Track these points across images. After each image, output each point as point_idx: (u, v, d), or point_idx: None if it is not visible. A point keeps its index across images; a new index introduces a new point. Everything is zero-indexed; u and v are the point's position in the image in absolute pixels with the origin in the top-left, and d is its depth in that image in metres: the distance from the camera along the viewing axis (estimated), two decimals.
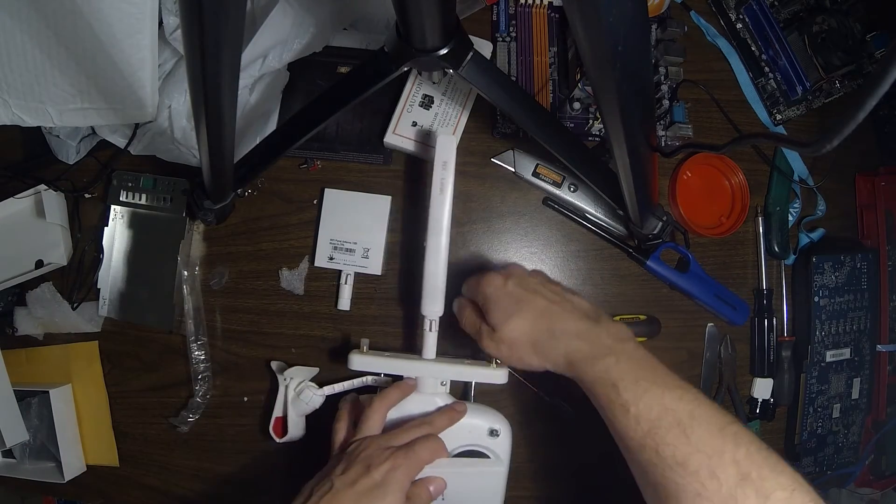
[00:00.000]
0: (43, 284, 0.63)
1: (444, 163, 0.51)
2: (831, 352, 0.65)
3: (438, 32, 0.43)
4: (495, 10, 0.64)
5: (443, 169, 0.51)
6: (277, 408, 0.58)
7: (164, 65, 0.58)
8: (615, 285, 0.65)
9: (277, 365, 0.60)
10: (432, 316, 0.52)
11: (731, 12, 0.66)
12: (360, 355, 0.53)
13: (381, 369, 0.53)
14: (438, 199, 0.51)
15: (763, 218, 0.66)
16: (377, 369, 0.53)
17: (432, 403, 0.52)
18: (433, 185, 0.51)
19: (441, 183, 0.51)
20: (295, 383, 0.57)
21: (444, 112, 0.62)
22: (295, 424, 0.57)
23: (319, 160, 0.64)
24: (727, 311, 0.64)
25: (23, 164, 0.64)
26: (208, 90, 0.38)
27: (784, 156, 0.67)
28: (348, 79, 0.53)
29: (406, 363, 0.52)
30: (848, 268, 0.65)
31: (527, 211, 0.65)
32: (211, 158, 0.46)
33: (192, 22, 0.32)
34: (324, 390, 0.56)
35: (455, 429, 0.51)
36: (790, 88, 0.65)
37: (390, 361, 0.53)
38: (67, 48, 0.52)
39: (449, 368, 0.52)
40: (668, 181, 0.66)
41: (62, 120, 0.56)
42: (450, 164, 0.51)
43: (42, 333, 0.64)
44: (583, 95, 0.64)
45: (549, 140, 0.53)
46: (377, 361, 0.53)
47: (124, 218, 0.64)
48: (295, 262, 0.63)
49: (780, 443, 0.67)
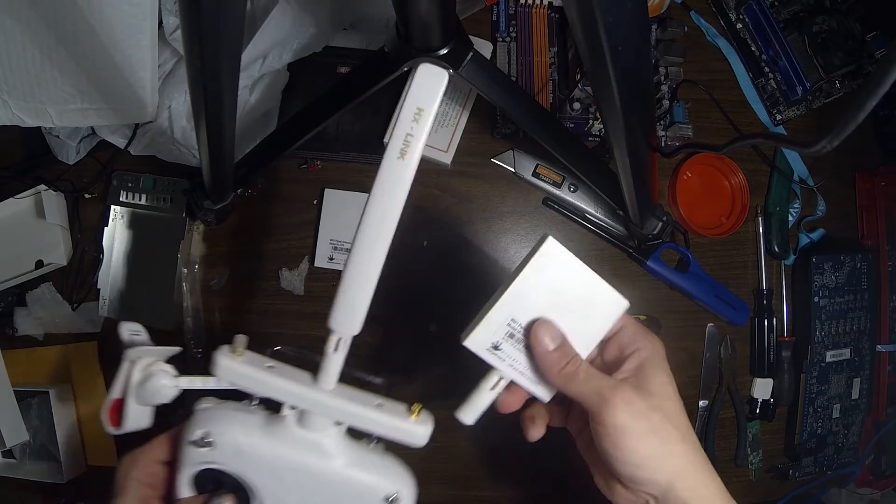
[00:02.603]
0: (43, 285, 0.63)
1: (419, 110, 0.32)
2: (831, 352, 0.65)
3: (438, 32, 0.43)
4: (495, 10, 0.64)
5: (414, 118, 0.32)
6: (116, 387, 0.38)
7: (164, 65, 0.58)
8: (615, 285, 0.65)
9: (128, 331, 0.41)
10: (343, 333, 0.35)
11: (731, 12, 0.66)
12: (229, 359, 0.35)
13: (253, 388, 0.36)
14: (394, 167, 0.32)
15: (763, 218, 0.66)
16: (249, 387, 0.36)
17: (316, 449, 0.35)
18: (390, 143, 0.32)
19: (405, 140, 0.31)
20: (143, 364, 0.38)
21: (443, 112, 0.62)
22: (136, 414, 0.38)
23: (319, 160, 0.64)
24: (727, 311, 0.64)
25: (23, 164, 0.64)
26: (208, 90, 0.38)
27: (784, 156, 0.67)
28: (348, 79, 0.53)
29: (292, 386, 0.35)
30: (848, 268, 0.65)
31: (527, 211, 0.65)
32: (211, 158, 0.46)
33: (192, 22, 0.32)
34: (180, 381, 0.37)
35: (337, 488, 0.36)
36: (790, 88, 0.65)
37: (270, 379, 0.35)
38: (67, 48, 0.52)
39: (349, 407, 0.35)
40: (668, 181, 0.66)
41: (62, 120, 0.56)
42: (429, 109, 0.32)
43: (42, 333, 0.64)
44: (583, 95, 0.64)
45: (549, 140, 0.53)
46: (251, 374, 0.35)
47: (124, 218, 0.64)
48: (295, 263, 0.63)
49: (780, 443, 0.67)
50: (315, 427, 0.35)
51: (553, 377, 0.35)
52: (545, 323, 0.35)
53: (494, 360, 0.36)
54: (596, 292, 0.36)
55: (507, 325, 0.35)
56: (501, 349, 0.36)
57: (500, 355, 0.36)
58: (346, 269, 0.34)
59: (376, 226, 0.33)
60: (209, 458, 0.35)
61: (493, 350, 0.36)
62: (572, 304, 0.36)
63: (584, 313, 0.36)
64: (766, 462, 0.67)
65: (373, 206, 0.33)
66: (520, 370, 0.36)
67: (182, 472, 0.35)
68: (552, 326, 0.35)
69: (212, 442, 0.34)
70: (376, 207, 0.33)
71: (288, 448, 0.35)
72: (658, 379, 0.35)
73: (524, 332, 0.36)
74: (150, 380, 0.37)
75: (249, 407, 0.36)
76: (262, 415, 0.36)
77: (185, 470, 0.35)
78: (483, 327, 0.35)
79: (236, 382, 0.36)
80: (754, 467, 0.66)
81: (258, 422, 0.35)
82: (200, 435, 0.34)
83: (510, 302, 0.35)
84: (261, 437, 0.35)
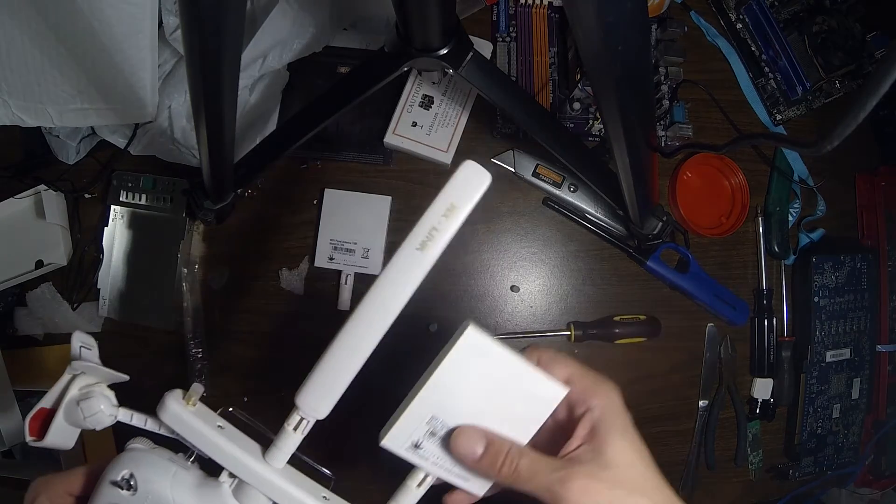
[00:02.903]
0: (43, 284, 0.63)
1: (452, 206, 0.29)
2: (831, 352, 0.65)
3: (438, 32, 0.43)
4: (495, 10, 0.64)
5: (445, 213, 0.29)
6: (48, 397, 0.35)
7: (164, 65, 0.58)
8: (615, 285, 0.65)
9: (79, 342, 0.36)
10: (308, 414, 0.32)
11: (731, 12, 0.66)
12: (180, 406, 0.33)
13: (197, 443, 0.32)
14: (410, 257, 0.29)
15: (763, 218, 0.66)
16: (193, 441, 0.32)
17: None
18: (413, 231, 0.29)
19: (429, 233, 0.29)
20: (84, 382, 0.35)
21: (444, 112, 0.62)
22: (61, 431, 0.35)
23: (319, 160, 0.64)
24: (727, 311, 0.64)
25: (23, 164, 0.64)
26: (208, 90, 0.38)
27: (784, 156, 0.67)
28: (348, 79, 0.53)
29: (239, 454, 0.32)
30: (848, 268, 0.65)
31: (527, 211, 0.65)
32: (211, 158, 0.46)
33: (192, 22, 0.32)
34: (119, 411, 0.34)
35: None
36: (790, 88, 0.65)
37: (217, 439, 0.32)
38: (67, 48, 0.52)
39: (293, 493, 0.32)
40: (668, 181, 0.66)
41: (62, 120, 0.56)
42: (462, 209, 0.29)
43: (42, 333, 0.64)
44: (583, 95, 0.64)
45: (549, 140, 0.53)
46: (198, 428, 0.32)
47: (124, 218, 0.64)
48: (295, 262, 0.63)
49: (780, 443, 0.67)
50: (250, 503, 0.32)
51: (494, 480, 0.32)
52: (463, 430, 0.31)
53: (417, 459, 0.33)
54: (529, 382, 0.32)
55: (426, 423, 0.32)
56: (423, 448, 0.32)
57: (422, 454, 0.32)
58: (331, 348, 0.31)
59: (375, 312, 0.30)
60: (126, 502, 0.31)
61: (413, 449, 0.32)
62: (502, 398, 0.32)
63: (518, 406, 0.32)
64: (766, 462, 0.67)
65: (376, 291, 0.30)
66: (446, 468, 0.33)
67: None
68: (472, 431, 0.31)
69: (134, 487, 0.31)
70: (379, 294, 0.30)
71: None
72: (616, 445, 0.30)
73: (447, 430, 0.32)
74: (86, 400, 0.34)
75: (185, 462, 0.33)
76: (197, 474, 0.33)
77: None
78: (400, 427, 0.32)
79: (180, 432, 0.32)
80: (754, 467, 0.66)
81: (191, 480, 0.32)
82: (125, 475, 0.31)
83: (428, 399, 0.32)
84: (188, 496, 0.32)
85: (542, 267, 0.65)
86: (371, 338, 0.30)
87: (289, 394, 0.32)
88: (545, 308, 0.64)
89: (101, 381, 0.36)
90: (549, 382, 0.32)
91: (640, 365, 0.65)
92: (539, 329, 0.64)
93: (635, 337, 0.63)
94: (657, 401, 0.65)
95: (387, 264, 0.30)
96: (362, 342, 0.30)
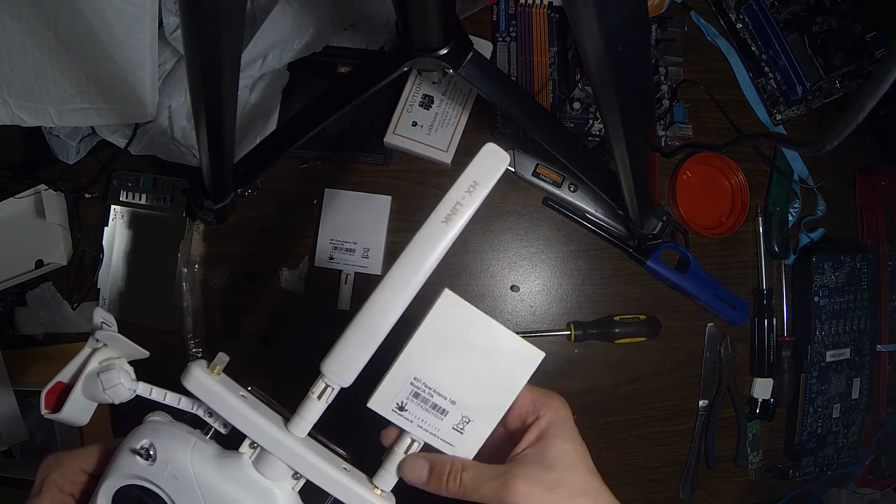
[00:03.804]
0: (43, 284, 0.63)
1: (475, 184, 0.32)
2: (831, 352, 0.65)
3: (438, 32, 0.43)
4: (495, 10, 0.64)
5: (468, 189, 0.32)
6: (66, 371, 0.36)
7: (164, 65, 0.58)
8: (615, 285, 0.65)
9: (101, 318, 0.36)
10: (333, 381, 0.33)
11: (731, 12, 0.66)
12: (206, 374, 0.33)
13: (222, 410, 0.33)
14: (436, 228, 0.32)
15: (763, 218, 0.66)
16: (217, 408, 0.33)
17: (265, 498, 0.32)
18: (439, 205, 0.32)
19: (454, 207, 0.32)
20: (104, 355, 0.35)
21: (444, 112, 0.62)
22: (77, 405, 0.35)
23: (319, 160, 0.64)
24: (727, 311, 0.64)
25: (23, 164, 0.64)
26: (208, 90, 0.38)
27: (784, 156, 0.67)
28: (348, 79, 0.53)
29: (262, 422, 0.33)
30: (848, 268, 0.65)
31: (527, 211, 0.65)
32: (211, 158, 0.46)
33: (192, 22, 0.32)
34: (138, 385, 0.34)
35: None
36: (790, 88, 0.65)
37: (241, 406, 0.33)
38: (67, 48, 0.52)
39: (314, 461, 0.33)
40: (668, 181, 0.66)
41: (62, 120, 0.56)
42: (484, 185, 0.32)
43: (42, 333, 0.64)
44: (583, 95, 0.64)
45: (549, 140, 0.53)
46: (223, 395, 0.33)
47: (124, 218, 0.64)
48: (295, 262, 0.63)
49: (780, 443, 0.67)
50: (271, 474, 0.33)
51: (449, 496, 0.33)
52: (407, 460, 0.34)
53: (402, 421, 0.34)
54: (507, 346, 0.34)
55: (410, 384, 0.34)
56: (408, 410, 0.34)
57: (406, 416, 0.34)
58: (358, 315, 0.32)
59: (402, 280, 0.32)
60: (144, 472, 0.32)
61: (398, 411, 0.34)
62: (482, 361, 0.34)
63: (497, 369, 0.34)
64: (766, 462, 0.67)
65: (404, 260, 0.32)
66: (430, 431, 0.34)
67: (108, 481, 0.32)
68: (415, 459, 0.34)
69: (154, 455, 0.32)
70: (407, 263, 0.32)
71: (234, 488, 0.32)
72: (559, 448, 0.33)
73: (430, 390, 0.34)
74: (106, 372, 0.34)
75: (203, 437, 0.34)
76: (216, 447, 0.33)
77: (111, 480, 0.32)
78: (384, 388, 0.34)
79: (205, 399, 0.33)
80: (754, 467, 0.66)
81: (210, 451, 0.33)
82: (145, 444, 0.32)
83: (409, 361, 0.34)
84: (208, 467, 0.32)
85: (542, 267, 0.65)
86: (398, 305, 0.32)
87: (289, 394, 0.32)
88: (545, 308, 0.64)
89: (121, 354, 0.36)
90: (527, 345, 0.34)
91: (640, 365, 0.65)
92: (539, 329, 0.64)
93: (635, 337, 0.63)
94: (657, 401, 0.65)
95: (414, 236, 0.32)
96: (389, 309, 0.32)
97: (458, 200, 0.32)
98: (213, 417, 0.34)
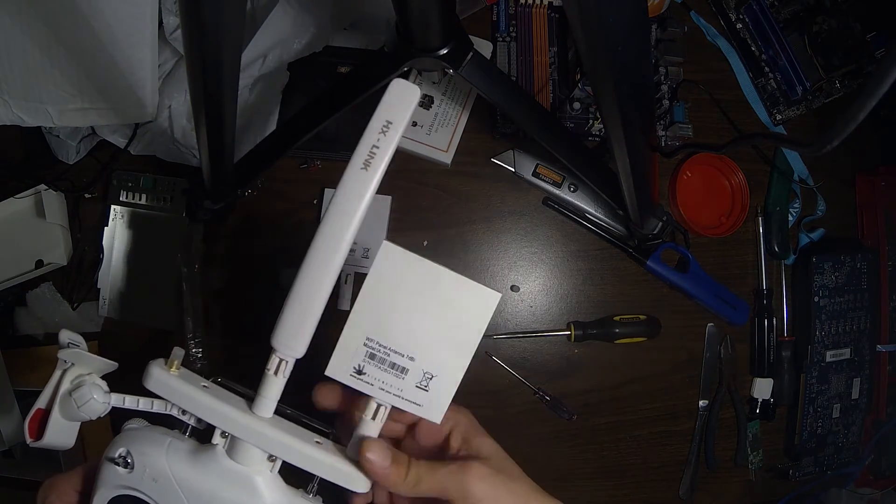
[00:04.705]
0: (43, 284, 0.63)
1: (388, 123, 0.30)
2: (831, 352, 0.65)
3: (438, 32, 0.43)
4: (495, 10, 0.64)
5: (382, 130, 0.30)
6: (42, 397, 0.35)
7: (164, 65, 0.58)
8: (615, 285, 0.65)
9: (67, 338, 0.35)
10: (285, 353, 0.32)
11: (731, 12, 0.66)
12: (163, 372, 0.32)
13: (183, 404, 0.32)
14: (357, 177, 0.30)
15: (763, 218, 0.66)
16: (179, 402, 0.32)
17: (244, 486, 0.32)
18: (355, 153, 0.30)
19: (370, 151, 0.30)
20: (75, 373, 0.35)
21: (444, 112, 0.62)
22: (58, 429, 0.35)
23: (319, 160, 0.64)
24: (727, 311, 0.64)
25: (23, 164, 0.64)
26: (208, 90, 0.38)
27: (784, 156, 0.67)
28: (348, 79, 0.53)
29: (223, 408, 0.32)
30: (848, 268, 0.65)
31: (527, 211, 0.65)
32: (211, 158, 0.46)
33: (192, 22, 0.32)
34: (111, 397, 0.34)
35: None
36: (790, 88, 0.65)
37: (201, 397, 0.32)
38: (67, 48, 0.52)
39: (283, 439, 0.32)
40: (668, 181, 0.66)
41: (62, 120, 0.56)
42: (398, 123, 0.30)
43: (42, 333, 0.64)
44: (583, 95, 0.64)
45: (549, 140, 0.53)
46: (182, 389, 0.32)
47: (124, 218, 0.64)
48: (295, 262, 0.63)
49: (780, 443, 0.67)
50: (246, 460, 0.32)
51: (402, 489, 0.33)
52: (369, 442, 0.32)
53: (363, 385, 0.33)
54: (458, 292, 0.32)
55: (364, 345, 0.32)
56: (366, 373, 0.33)
57: (366, 379, 0.33)
58: (296, 282, 0.31)
59: (333, 237, 0.31)
60: (126, 481, 0.31)
61: (357, 375, 0.33)
62: (434, 311, 0.32)
63: (451, 318, 0.32)
64: (766, 462, 0.67)
65: (330, 216, 0.31)
66: (394, 392, 0.33)
67: (97, 496, 0.32)
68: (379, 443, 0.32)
69: (131, 463, 0.31)
70: (334, 218, 0.31)
71: (212, 480, 0.31)
72: (488, 444, 0.36)
73: (385, 349, 0.33)
74: (78, 390, 0.34)
75: (181, 435, 0.33)
76: (192, 443, 0.33)
77: (100, 493, 0.32)
78: (339, 352, 0.33)
79: (166, 396, 0.32)
80: (754, 467, 0.66)
81: (185, 448, 0.32)
82: (122, 453, 0.31)
83: (360, 320, 0.32)
84: (184, 463, 0.31)
85: (542, 267, 0.65)
86: (332, 264, 0.31)
87: (289, 393, 0.32)
88: (545, 308, 0.64)
89: (91, 370, 0.36)
90: (481, 288, 0.32)
91: (640, 365, 0.65)
92: (539, 329, 0.64)
93: (635, 337, 0.63)
94: (657, 401, 0.65)
95: (336, 189, 0.30)
96: (324, 270, 0.31)
97: (373, 144, 0.30)
98: (186, 415, 0.33)
